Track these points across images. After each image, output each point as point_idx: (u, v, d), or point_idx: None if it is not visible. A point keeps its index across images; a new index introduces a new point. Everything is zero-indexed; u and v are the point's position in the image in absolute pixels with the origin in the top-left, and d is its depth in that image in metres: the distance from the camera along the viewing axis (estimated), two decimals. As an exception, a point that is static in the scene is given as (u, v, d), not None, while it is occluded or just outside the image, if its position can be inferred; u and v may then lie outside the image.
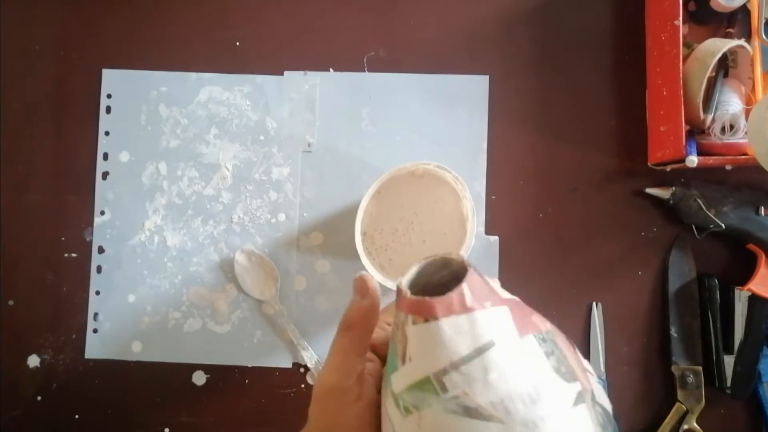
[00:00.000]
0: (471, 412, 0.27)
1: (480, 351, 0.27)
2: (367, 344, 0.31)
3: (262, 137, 0.66)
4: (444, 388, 0.27)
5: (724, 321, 0.61)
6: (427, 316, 0.28)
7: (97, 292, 0.65)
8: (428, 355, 0.28)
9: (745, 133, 0.55)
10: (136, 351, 0.65)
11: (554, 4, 0.66)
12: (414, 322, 0.29)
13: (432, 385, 0.27)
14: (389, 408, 0.29)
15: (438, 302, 0.28)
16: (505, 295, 0.31)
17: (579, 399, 0.27)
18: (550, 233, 0.64)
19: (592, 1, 0.65)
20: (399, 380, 0.29)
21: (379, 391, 0.32)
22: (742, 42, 0.56)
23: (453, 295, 0.28)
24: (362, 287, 0.31)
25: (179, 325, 0.65)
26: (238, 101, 0.66)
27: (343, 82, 0.66)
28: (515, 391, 0.27)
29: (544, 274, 0.63)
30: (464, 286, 0.28)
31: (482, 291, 0.29)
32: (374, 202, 0.59)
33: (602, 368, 0.62)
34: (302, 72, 0.66)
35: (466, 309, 0.28)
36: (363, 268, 0.57)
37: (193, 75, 0.66)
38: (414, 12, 0.66)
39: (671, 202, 0.61)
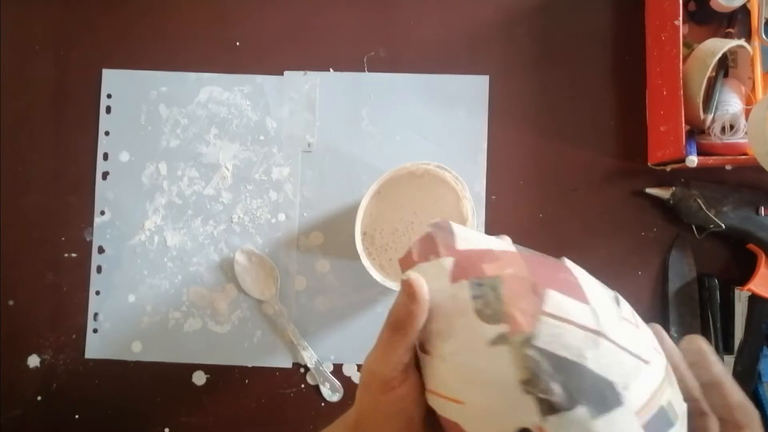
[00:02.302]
0: (420, 347, 0.31)
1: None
2: (414, 340, 0.32)
3: (262, 137, 0.66)
4: None
5: (724, 321, 0.61)
6: (403, 269, 0.33)
7: (97, 292, 0.65)
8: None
9: (745, 133, 0.55)
10: (136, 351, 0.65)
11: (554, 4, 0.66)
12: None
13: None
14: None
15: (400, 260, 0.34)
16: (479, 243, 0.33)
17: (500, 340, 0.27)
18: (550, 233, 0.64)
19: (592, 1, 0.66)
20: None
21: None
22: (742, 42, 0.56)
23: (406, 254, 0.33)
24: (410, 292, 0.31)
25: (179, 325, 0.65)
26: (238, 101, 0.66)
27: (343, 82, 0.66)
28: (434, 331, 0.30)
29: (544, 274, 0.63)
30: (411, 246, 0.33)
31: (429, 247, 0.33)
32: (374, 202, 0.59)
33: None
34: (302, 72, 0.66)
35: (412, 264, 0.33)
36: (363, 268, 0.57)
37: (193, 75, 0.66)
38: (414, 12, 0.66)
39: (671, 202, 0.61)
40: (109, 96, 0.66)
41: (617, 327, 0.27)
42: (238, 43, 0.67)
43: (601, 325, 0.27)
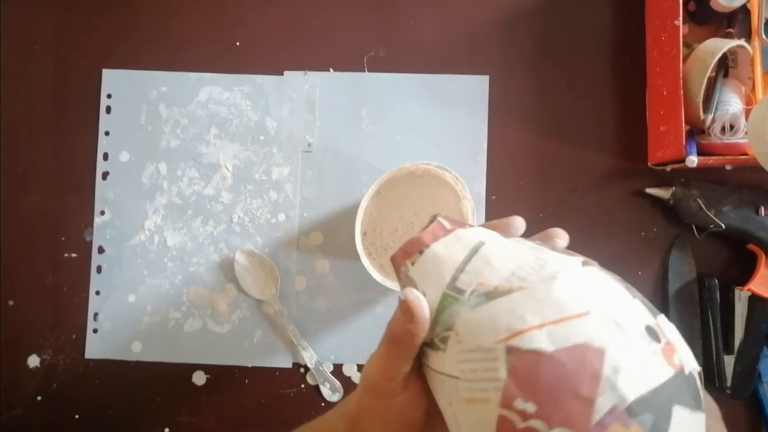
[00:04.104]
0: (492, 294, 0.29)
1: (475, 250, 0.31)
2: (414, 354, 0.31)
3: (262, 137, 0.66)
4: (461, 291, 0.30)
5: (724, 321, 0.61)
6: (420, 247, 0.32)
7: (97, 292, 0.65)
8: (435, 277, 0.31)
9: (745, 133, 0.55)
10: (136, 351, 0.65)
11: (554, 4, 0.66)
12: (413, 263, 0.32)
13: (450, 296, 0.30)
14: (431, 363, 0.31)
15: (423, 234, 0.32)
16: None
17: (586, 263, 0.29)
18: (550, 233, 0.63)
19: (592, 1, 0.65)
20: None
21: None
22: (742, 42, 0.56)
23: (433, 225, 0.32)
24: (408, 313, 0.30)
25: (179, 325, 0.65)
26: (238, 101, 0.66)
27: (343, 82, 0.66)
28: (522, 263, 0.29)
29: (544, 274, 0.63)
30: (438, 218, 0.33)
31: (458, 221, 0.33)
32: (374, 202, 0.59)
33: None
34: (302, 72, 0.66)
35: (448, 231, 0.32)
36: (363, 268, 0.57)
37: (193, 75, 0.66)
38: (414, 12, 0.66)
39: (671, 202, 0.61)
40: (109, 96, 0.66)
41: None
42: (238, 43, 0.67)
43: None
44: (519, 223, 0.34)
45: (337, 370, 0.64)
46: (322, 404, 0.64)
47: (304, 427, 0.40)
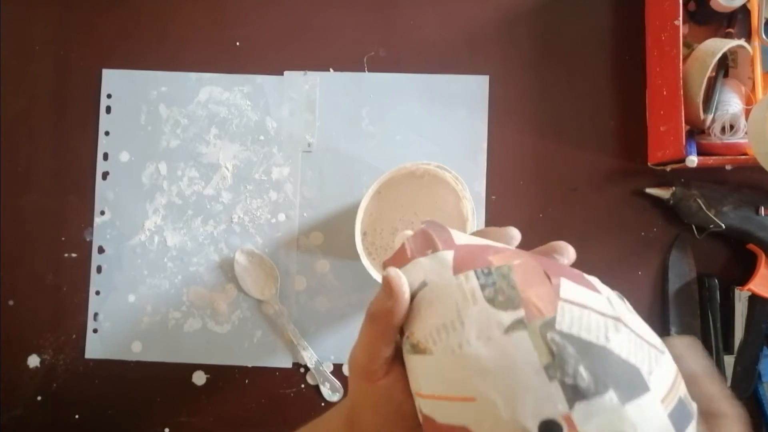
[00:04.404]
0: (415, 348, 0.29)
1: (416, 292, 0.30)
2: (394, 335, 0.31)
3: (262, 137, 0.66)
4: (402, 332, 0.31)
5: (724, 321, 0.61)
6: (402, 263, 0.32)
7: (97, 292, 0.65)
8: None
9: (745, 133, 0.55)
10: (136, 351, 0.65)
11: (554, 4, 0.66)
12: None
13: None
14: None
15: (390, 259, 0.33)
16: (477, 241, 0.32)
17: (517, 325, 0.26)
18: (550, 233, 0.63)
19: (592, 1, 0.66)
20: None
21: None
22: (742, 42, 0.56)
23: (399, 251, 0.32)
24: (387, 288, 0.30)
25: (179, 325, 0.65)
26: (238, 101, 0.66)
27: (343, 82, 0.66)
28: (440, 323, 0.28)
29: (544, 274, 0.63)
30: (405, 242, 0.32)
31: (425, 242, 0.32)
32: (374, 202, 0.59)
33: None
34: (302, 72, 0.66)
35: (407, 259, 0.32)
36: (363, 268, 0.57)
37: (193, 75, 0.66)
38: (414, 12, 0.66)
39: (671, 202, 0.61)
40: (109, 96, 0.66)
41: (630, 317, 0.27)
42: (238, 43, 0.67)
43: (617, 312, 0.26)
44: (513, 233, 0.33)
45: (337, 370, 0.64)
46: (322, 404, 0.64)
47: (305, 427, 0.40)
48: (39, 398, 0.65)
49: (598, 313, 0.26)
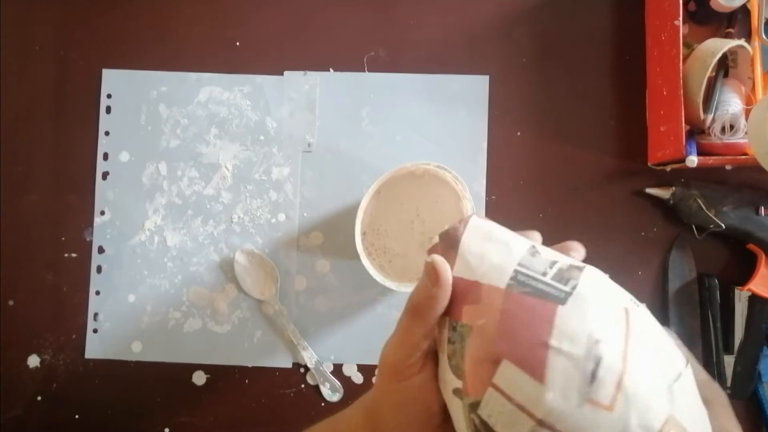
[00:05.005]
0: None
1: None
2: (434, 326, 0.31)
3: (262, 137, 0.66)
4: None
5: (724, 321, 0.61)
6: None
7: (97, 292, 0.65)
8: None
9: (745, 133, 0.55)
10: (136, 351, 0.65)
11: (554, 4, 0.66)
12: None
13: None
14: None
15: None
16: (470, 272, 0.31)
17: (457, 393, 0.29)
18: (550, 233, 0.63)
19: (592, 1, 0.66)
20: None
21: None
22: (742, 42, 0.56)
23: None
24: (433, 274, 0.30)
25: (179, 325, 0.65)
26: (238, 101, 0.66)
27: (343, 82, 0.66)
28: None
29: (544, 274, 0.63)
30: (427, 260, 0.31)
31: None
32: (374, 201, 0.59)
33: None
34: (302, 72, 0.66)
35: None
36: (363, 268, 0.57)
37: (193, 75, 0.66)
38: (414, 12, 0.66)
39: (671, 202, 0.61)
40: (109, 96, 0.66)
41: (573, 415, 0.24)
42: (238, 43, 0.67)
43: (548, 412, 0.25)
44: (536, 237, 0.34)
45: (337, 370, 0.64)
46: (322, 404, 0.64)
47: (323, 422, 0.39)
48: (39, 398, 0.65)
49: (524, 411, 0.25)
